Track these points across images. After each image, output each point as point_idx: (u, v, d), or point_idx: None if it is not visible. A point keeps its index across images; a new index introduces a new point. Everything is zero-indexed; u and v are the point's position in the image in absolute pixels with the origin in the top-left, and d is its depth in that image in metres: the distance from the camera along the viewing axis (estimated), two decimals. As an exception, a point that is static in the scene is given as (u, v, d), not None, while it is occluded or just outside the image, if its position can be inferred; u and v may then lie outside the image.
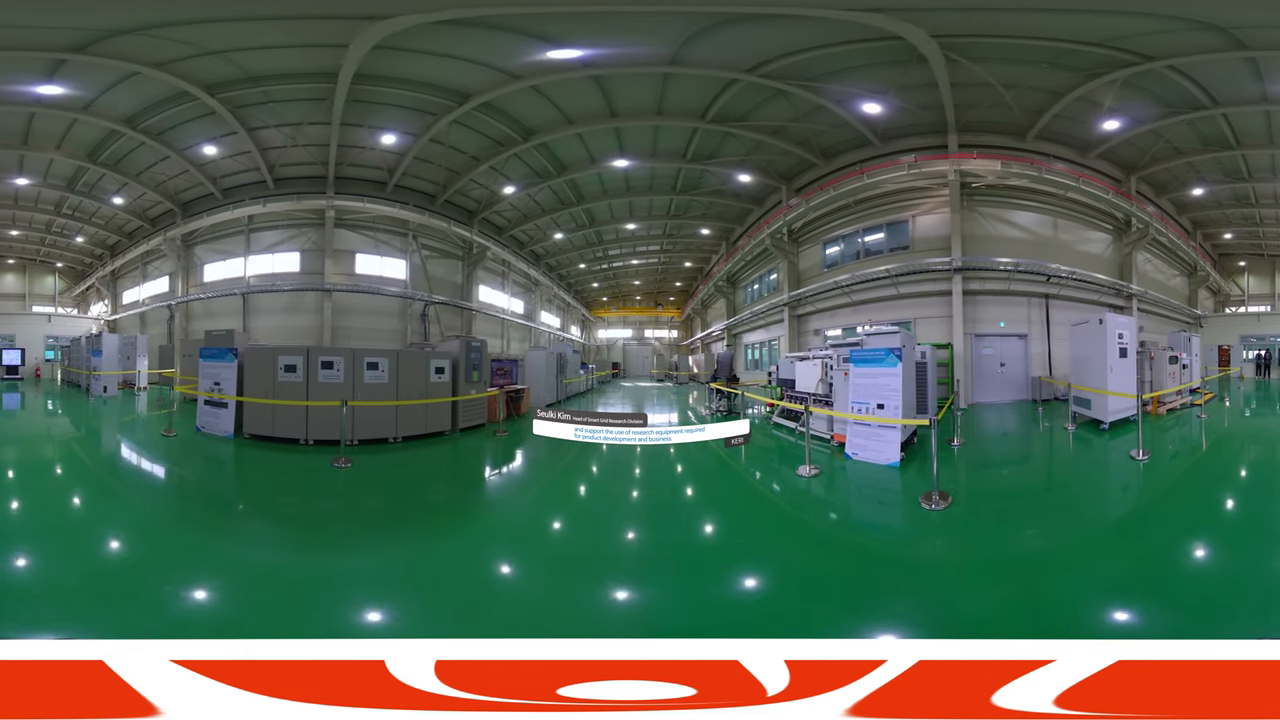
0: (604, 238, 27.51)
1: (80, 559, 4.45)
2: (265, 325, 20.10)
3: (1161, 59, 11.72)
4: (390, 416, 9.46)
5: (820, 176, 18.53)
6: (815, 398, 9.84)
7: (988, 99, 13.78)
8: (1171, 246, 19.45)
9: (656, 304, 40.88)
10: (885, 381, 7.64)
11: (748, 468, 8.07)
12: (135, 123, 15.17)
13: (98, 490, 6.68)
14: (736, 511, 6.17)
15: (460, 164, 18.81)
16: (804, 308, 20.50)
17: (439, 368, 10.57)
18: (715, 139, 17.02)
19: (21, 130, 15.47)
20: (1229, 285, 25.12)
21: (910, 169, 15.84)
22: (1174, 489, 6.50)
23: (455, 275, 24.47)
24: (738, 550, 4.93)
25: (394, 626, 3.43)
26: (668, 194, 21.75)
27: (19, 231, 22.81)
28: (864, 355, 7.91)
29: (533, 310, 30.85)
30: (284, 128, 15.89)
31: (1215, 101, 13.29)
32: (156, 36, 11.17)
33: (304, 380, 9.07)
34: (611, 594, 3.96)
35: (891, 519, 5.97)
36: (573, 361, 20.08)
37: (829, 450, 8.61)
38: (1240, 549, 4.52)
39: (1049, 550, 4.72)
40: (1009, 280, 15.74)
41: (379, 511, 6.13)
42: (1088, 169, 16.26)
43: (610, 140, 17.37)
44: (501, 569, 4.62)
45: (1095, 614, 3.53)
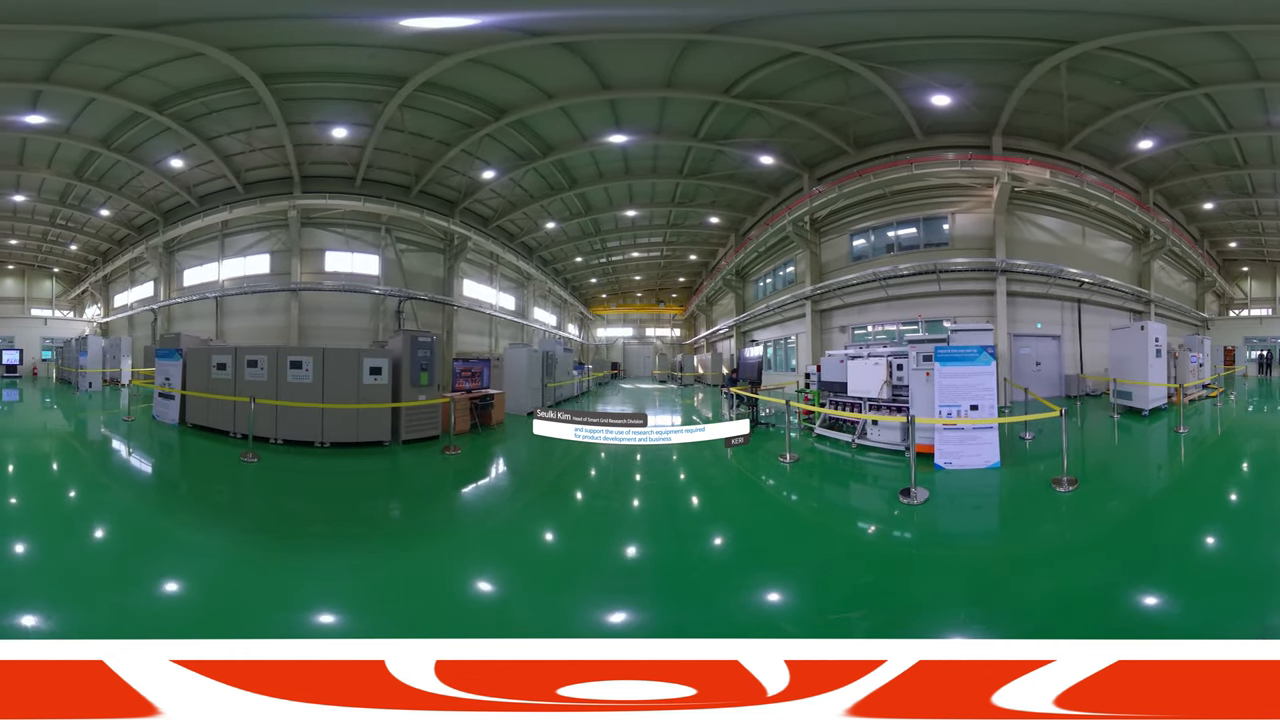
0: (602, 227, 27.50)
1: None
2: (239, 326, 21.70)
3: (1205, 85, 14.20)
4: (317, 419, 9.81)
5: (848, 165, 19.06)
6: (878, 403, 9.40)
7: (1046, 107, 15.59)
8: (1183, 255, 22.37)
9: (658, 301, 41.24)
10: (978, 381, 7.86)
11: (831, 502, 7.30)
12: (109, 142, 17.92)
13: (38, 455, 9.49)
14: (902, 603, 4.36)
15: (429, 151, 19.13)
16: (828, 302, 20.89)
17: (375, 368, 10.04)
18: (737, 116, 16.74)
19: (17, 153, 18.69)
20: (1233, 289, 28.80)
21: (963, 166, 17.15)
22: (1213, 449, 9.73)
23: (436, 269, 24.83)
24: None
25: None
26: (673, 177, 21.64)
27: (18, 241, 26.80)
28: (952, 353, 7.90)
29: (525, 307, 31.15)
30: (237, 134, 17.87)
31: (1230, 126, 16.03)
32: (86, 64, 13.58)
33: (232, 377, 10.35)
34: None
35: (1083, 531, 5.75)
36: (563, 361, 19.34)
37: (901, 465, 7.96)
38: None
39: (1209, 484, 7.63)
40: (1048, 284, 17.70)
41: (238, 510, 7.03)
42: (1112, 180, 18.55)
43: (603, 114, 16.96)
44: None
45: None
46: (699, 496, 7.51)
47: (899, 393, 9.30)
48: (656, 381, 34.00)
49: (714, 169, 20.92)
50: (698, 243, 30.19)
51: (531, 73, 15.04)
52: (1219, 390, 17.30)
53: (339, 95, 15.81)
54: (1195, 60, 13.37)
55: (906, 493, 6.50)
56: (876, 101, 15.75)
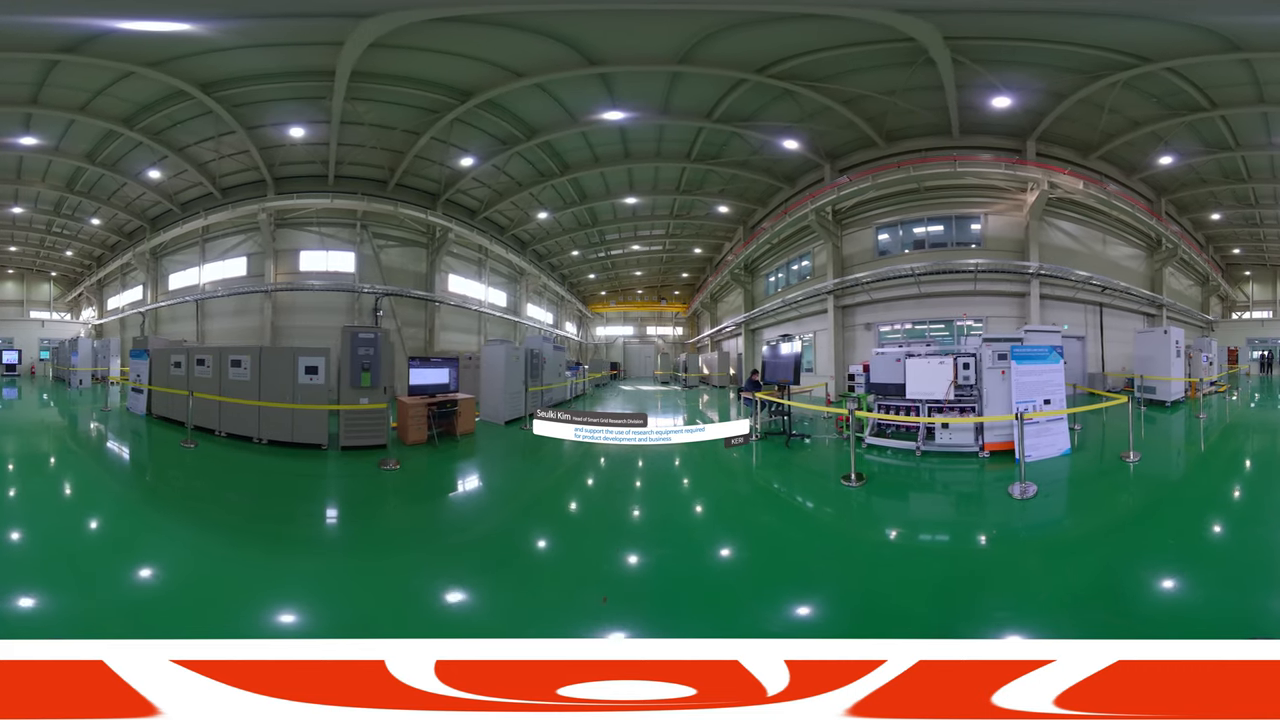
0: (599, 217, 27.46)
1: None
2: (219, 328, 23.96)
3: (1222, 107, 16.37)
4: (255, 416, 10.82)
5: (875, 158, 19.82)
6: (940, 404, 9.66)
7: (1083, 116, 17.31)
8: (1190, 261, 25.36)
9: (660, 298, 41.59)
10: (1049, 378, 9.35)
11: (960, 522, 7.04)
12: (94, 157, 20.50)
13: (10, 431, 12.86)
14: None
15: (397, 142, 19.56)
16: (852, 297, 21.43)
17: (310, 367, 10.31)
18: (764, 97, 16.45)
19: (14, 169, 21.74)
20: (1236, 293, 32.06)
21: (1006, 169, 18.76)
22: (1232, 428, 13.09)
23: (419, 264, 25.24)
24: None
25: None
26: (680, 162, 21.40)
27: (17, 248, 30.49)
28: (1027, 353, 9.32)
29: (517, 303, 31.45)
30: (204, 143, 19.73)
31: (1238, 144, 18.59)
32: (61, 86, 15.80)
33: (185, 375, 12.14)
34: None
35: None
36: (553, 360, 18.34)
37: (979, 464, 8.88)
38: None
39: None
40: (1076, 289, 19.84)
41: (154, 479, 8.94)
42: (1129, 189, 21.00)
43: (594, 90, 16.23)
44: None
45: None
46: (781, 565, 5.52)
47: (962, 393, 9.74)
48: (658, 383, 34.20)
49: (726, 154, 20.84)
50: (703, 235, 30.38)
51: (486, 52, 14.65)
52: (1225, 386, 20.60)
53: (283, 96, 16.77)
54: (1220, 83, 15.36)
55: (1012, 489, 7.15)
56: (927, 96, 16.35)
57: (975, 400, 9.72)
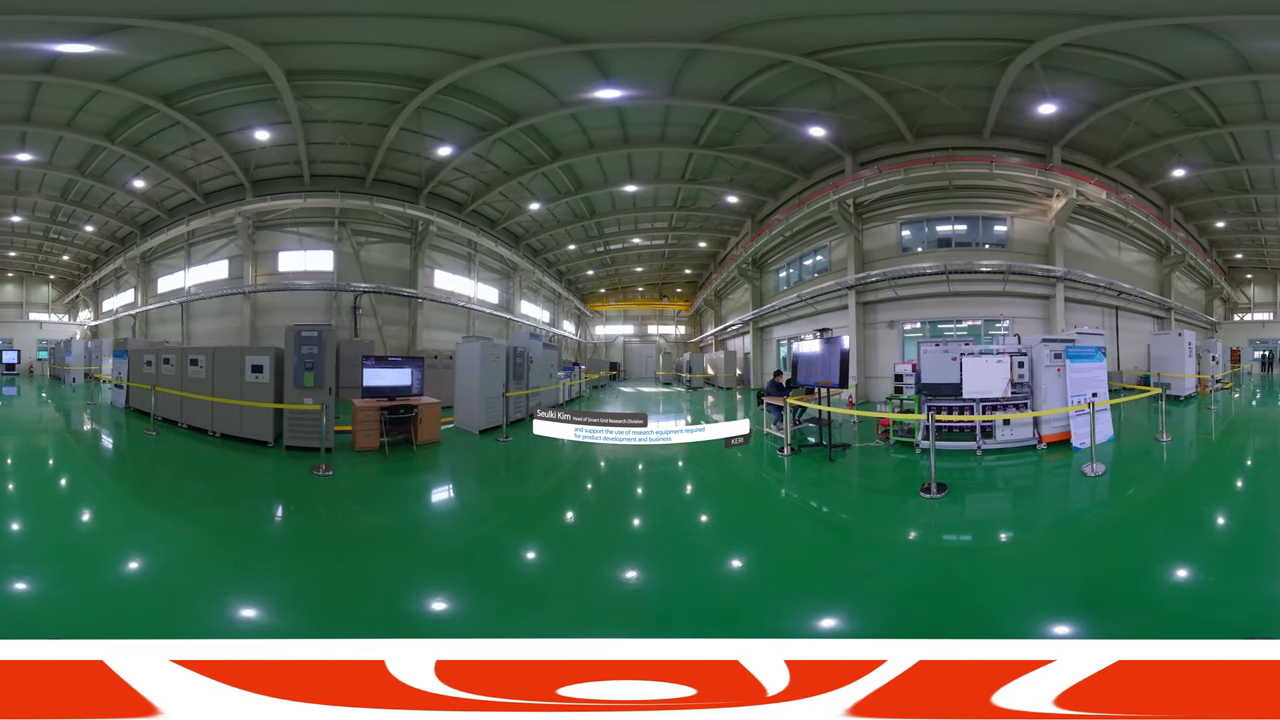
0: (597, 208, 27.30)
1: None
2: (203, 329, 25.88)
3: (1232, 124, 18.57)
4: (209, 410, 12.34)
5: (900, 154, 20.55)
6: (996, 402, 10.81)
7: (1110, 126, 19.10)
8: (1196, 266, 27.92)
9: (661, 296, 41.83)
10: (1097, 375, 11.53)
11: (1063, 513, 7.71)
12: (83, 169, 23.04)
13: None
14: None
15: (367, 136, 20.05)
16: (875, 293, 21.87)
17: (256, 366, 11.59)
18: (798, 81, 16.21)
19: (13, 181, 24.37)
20: (1237, 295, 35.13)
21: (1040, 175, 20.39)
22: (1241, 416, 17.15)
23: (403, 260, 25.55)
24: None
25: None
26: (686, 147, 20.90)
27: (16, 253, 34.13)
28: (1078, 352, 11.32)
29: (510, 300, 31.64)
30: (181, 151, 21.71)
31: (1243, 158, 21.17)
32: (47, 104, 17.97)
33: (155, 372, 14.08)
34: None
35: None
36: (542, 360, 17.19)
37: (1037, 455, 10.44)
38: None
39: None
40: (1096, 292, 21.82)
41: (112, 459, 11.36)
42: (1141, 197, 23.24)
43: (581, 68, 15.29)
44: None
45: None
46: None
47: (1016, 390, 11.04)
48: (660, 383, 34.40)
49: (740, 140, 20.49)
50: (708, 228, 30.43)
51: (427, 40, 14.63)
52: (1229, 384, 24.06)
53: (239, 100, 18.07)
54: (1232, 101, 17.41)
55: (1085, 469, 8.78)
56: (972, 95, 17.06)
57: (1027, 397, 11.12)
